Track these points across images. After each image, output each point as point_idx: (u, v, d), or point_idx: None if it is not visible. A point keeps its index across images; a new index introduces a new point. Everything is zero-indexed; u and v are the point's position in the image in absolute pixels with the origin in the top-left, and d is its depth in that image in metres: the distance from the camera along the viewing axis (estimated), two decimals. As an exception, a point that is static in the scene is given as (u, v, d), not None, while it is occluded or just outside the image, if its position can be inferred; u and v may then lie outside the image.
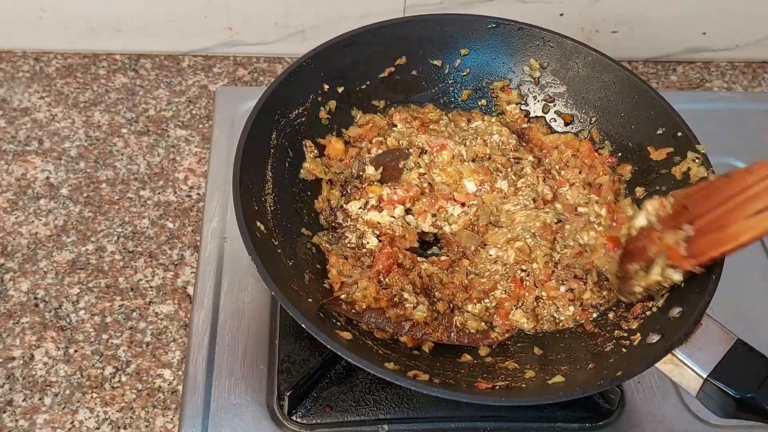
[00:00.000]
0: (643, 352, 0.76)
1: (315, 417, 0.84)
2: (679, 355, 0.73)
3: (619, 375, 0.73)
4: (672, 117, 0.92)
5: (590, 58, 0.98)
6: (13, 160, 1.10)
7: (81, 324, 0.94)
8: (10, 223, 1.03)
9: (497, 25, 1.00)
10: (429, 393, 0.71)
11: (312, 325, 0.72)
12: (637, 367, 0.73)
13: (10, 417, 0.86)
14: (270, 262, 0.79)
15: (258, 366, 0.88)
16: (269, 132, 0.90)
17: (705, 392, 0.73)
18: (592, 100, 1.00)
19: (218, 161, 1.07)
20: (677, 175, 0.90)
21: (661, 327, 0.78)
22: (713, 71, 1.33)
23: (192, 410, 0.84)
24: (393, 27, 0.98)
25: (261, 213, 0.84)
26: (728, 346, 0.73)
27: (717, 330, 0.75)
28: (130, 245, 1.02)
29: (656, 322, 0.79)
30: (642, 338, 0.78)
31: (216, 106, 1.15)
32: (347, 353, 0.72)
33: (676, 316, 0.78)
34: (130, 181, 1.09)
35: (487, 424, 0.85)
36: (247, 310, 0.93)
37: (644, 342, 0.77)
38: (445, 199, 0.92)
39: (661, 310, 0.81)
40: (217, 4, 1.19)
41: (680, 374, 0.74)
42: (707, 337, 0.74)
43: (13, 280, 0.97)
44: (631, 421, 0.87)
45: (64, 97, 1.19)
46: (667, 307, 0.80)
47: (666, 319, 0.78)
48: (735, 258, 0.80)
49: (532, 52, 1.01)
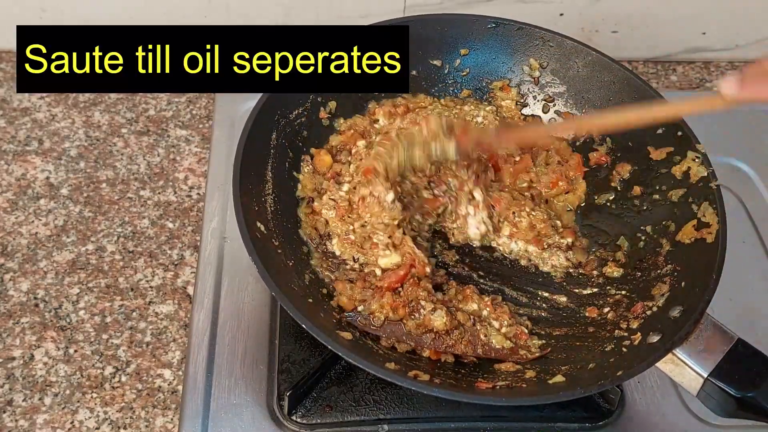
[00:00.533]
0: (643, 351, 0.76)
1: (315, 417, 0.84)
2: (680, 355, 0.73)
3: (620, 375, 0.73)
4: None
5: (590, 57, 0.98)
6: (13, 160, 1.10)
7: (81, 324, 0.94)
8: (10, 223, 1.03)
9: (497, 24, 1.00)
10: (429, 393, 0.72)
11: (312, 326, 0.72)
12: (638, 366, 0.74)
13: (10, 417, 0.86)
14: (270, 262, 0.79)
15: (258, 366, 0.88)
16: (269, 132, 0.90)
17: (706, 392, 0.73)
18: (592, 99, 1.00)
19: (218, 161, 1.07)
20: (677, 175, 0.90)
21: (661, 327, 0.78)
22: (713, 71, 1.33)
23: (192, 410, 0.84)
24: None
25: (261, 213, 0.84)
26: (729, 345, 0.74)
27: (717, 329, 0.75)
28: (130, 245, 1.02)
29: (657, 322, 0.80)
30: (642, 338, 0.78)
31: (216, 106, 1.15)
32: (348, 354, 0.72)
33: (677, 315, 0.78)
34: (130, 181, 1.09)
35: (487, 424, 0.85)
36: (247, 310, 0.93)
37: (645, 342, 0.77)
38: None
39: (661, 310, 0.81)
40: (217, 4, 1.19)
41: (681, 374, 0.74)
42: (708, 337, 0.74)
43: (13, 280, 0.97)
44: (631, 421, 0.87)
45: (64, 97, 1.19)
46: (668, 306, 0.80)
47: (666, 319, 0.78)
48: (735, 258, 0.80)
49: (532, 52, 1.01)
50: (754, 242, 1.05)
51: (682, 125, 0.90)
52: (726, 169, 1.08)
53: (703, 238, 0.83)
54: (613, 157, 0.98)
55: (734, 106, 0.71)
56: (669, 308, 0.79)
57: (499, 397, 0.75)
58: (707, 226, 0.83)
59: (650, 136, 0.93)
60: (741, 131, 1.18)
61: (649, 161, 0.94)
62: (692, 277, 0.80)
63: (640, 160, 0.95)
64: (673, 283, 0.83)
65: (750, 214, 1.07)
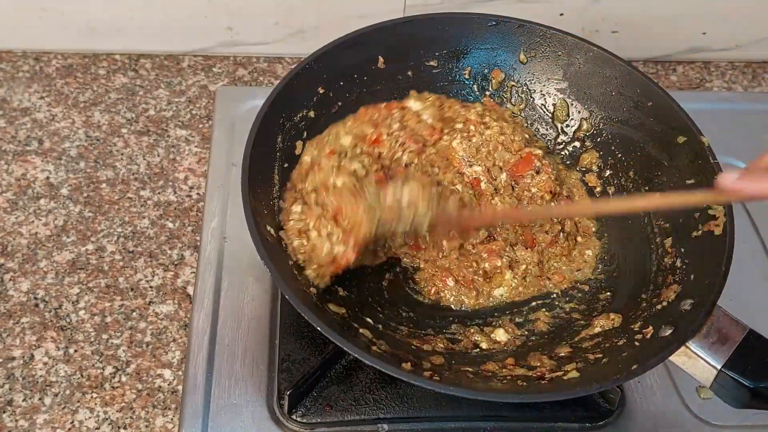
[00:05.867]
0: (656, 345, 0.76)
1: (315, 416, 0.84)
2: (693, 348, 0.73)
3: (635, 369, 0.73)
4: (674, 108, 0.92)
5: (591, 53, 0.98)
6: (13, 160, 1.10)
7: (81, 324, 0.94)
8: (10, 223, 1.03)
9: (497, 23, 1.00)
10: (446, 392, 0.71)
11: (339, 337, 0.72)
12: (652, 360, 0.73)
13: (10, 417, 0.86)
14: (283, 267, 0.79)
15: (258, 366, 0.88)
16: (275, 136, 0.89)
17: (719, 383, 0.73)
18: (595, 95, 1.00)
19: (218, 161, 1.07)
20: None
21: (673, 320, 0.78)
22: (713, 71, 1.33)
23: (192, 410, 0.84)
24: (394, 27, 0.98)
25: (270, 217, 0.84)
26: (741, 336, 0.73)
27: (728, 321, 0.75)
28: (130, 245, 1.02)
29: (668, 315, 0.79)
30: (654, 331, 0.78)
31: (216, 106, 1.15)
32: (375, 361, 0.72)
33: (687, 308, 0.78)
34: (130, 181, 1.09)
35: (487, 423, 0.85)
36: (247, 310, 0.93)
37: (657, 335, 0.77)
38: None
39: (672, 303, 0.81)
40: (217, 4, 1.20)
41: (694, 366, 0.74)
42: (720, 328, 0.74)
43: (13, 280, 0.97)
44: (631, 421, 0.87)
45: (64, 97, 1.19)
46: (678, 299, 0.80)
47: (677, 312, 0.79)
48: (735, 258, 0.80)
49: (533, 49, 1.01)
50: (754, 242, 1.05)
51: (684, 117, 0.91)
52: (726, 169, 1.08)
53: (711, 230, 0.83)
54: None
55: (734, 201, 0.70)
56: (680, 301, 0.80)
57: (516, 393, 0.75)
58: (714, 218, 0.83)
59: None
60: (741, 131, 1.18)
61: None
62: (701, 270, 0.80)
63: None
64: (682, 277, 0.83)
65: (750, 214, 1.07)
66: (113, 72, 1.23)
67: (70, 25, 1.21)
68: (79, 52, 1.25)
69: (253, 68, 1.26)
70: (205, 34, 1.24)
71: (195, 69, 1.25)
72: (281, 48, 1.26)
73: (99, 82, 1.22)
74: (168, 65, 1.25)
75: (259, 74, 1.25)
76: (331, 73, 0.95)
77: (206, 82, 1.23)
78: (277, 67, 1.26)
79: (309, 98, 0.94)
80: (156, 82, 1.22)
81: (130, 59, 1.25)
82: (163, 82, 1.23)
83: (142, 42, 1.24)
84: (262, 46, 1.26)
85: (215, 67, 1.26)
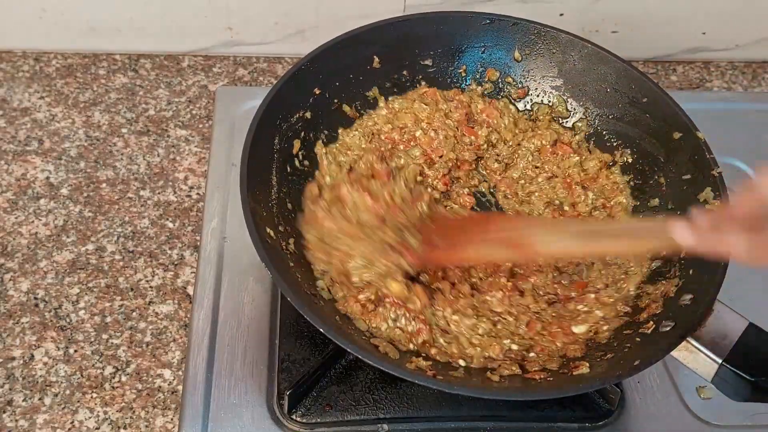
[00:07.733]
0: (657, 340, 0.76)
1: (315, 416, 0.84)
2: (694, 342, 0.73)
3: (637, 364, 0.73)
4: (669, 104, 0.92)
5: (586, 50, 0.99)
6: (13, 160, 1.10)
7: (81, 324, 0.94)
8: (10, 223, 1.03)
9: (491, 21, 1.00)
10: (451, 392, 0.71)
11: (339, 337, 0.72)
12: (654, 355, 0.73)
13: (10, 417, 0.86)
14: (283, 268, 0.79)
15: (258, 366, 0.88)
16: (272, 137, 0.89)
17: (720, 377, 0.73)
18: (590, 92, 1.00)
19: (218, 161, 1.07)
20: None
21: (673, 315, 0.78)
22: (713, 71, 1.33)
23: (192, 410, 0.84)
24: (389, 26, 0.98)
25: (269, 218, 0.84)
26: (741, 330, 0.74)
27: (729, 314, 0.75)
28: (130, 245, 1.02)
29: (668, 310, 0.80)
30: (655, 326, 0.78)
31: (216, 106, 1.15)
32: (383, 364, 0.72)
33: (687, 303, 0.78)
34: (130, 181, 1.09)
35: (487, 423, 0.85)
36: (247, 310, 0.93)
37: (658, 330, 0.77)
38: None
39: (672, 298, 0.81)
40: (217, 4, 1.20)
41: (695, 360, 0.74)
42: (720, 323, 0.74)
43: (13, 280, 0.97)
44: (631, 421, 0.87)
45: (64, 97, 1.19)
46: (678, 294, 0.80)
47: (678, 307, 0.79)
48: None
49: (528, 47, 1.01)
50: (754, 242, 1.05)
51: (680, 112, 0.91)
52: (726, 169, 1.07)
53: None
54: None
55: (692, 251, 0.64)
56: (680, 296, 0.80)
57: (521, 391, 0.75)
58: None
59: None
60: (741, 131, 1.18)
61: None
62: (700, 265, 0.80)
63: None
64: (682, 272, 0.83)
65: (750, 211, 1.07)
66: (113, 72, 1.23)
67: (70, 25, 1.21)
68: (79, 52, 1.25)
69: (253, 68, 1.26)
70: (205, 34, 1.24)
71: (195, 69, 1.25)
72: (281, 48, 1.26)
73: (99, 82, 1.22)
74: (168, 65, 1.25)
75: (259, 74, 1.25)
76: (327, 74, 0.95)
77: (206, 82, 1.23)
78: (277, 67, 1.26)
79: (305, 99, 0.94)
80: (156, 82, 1.22)
81: (130, 59, 1.25)
82: (163, 82, 1.23)
83: (142, 42, 1.24)
84: (262, 46, 1.26)
85: (215, 67, 1.26)
